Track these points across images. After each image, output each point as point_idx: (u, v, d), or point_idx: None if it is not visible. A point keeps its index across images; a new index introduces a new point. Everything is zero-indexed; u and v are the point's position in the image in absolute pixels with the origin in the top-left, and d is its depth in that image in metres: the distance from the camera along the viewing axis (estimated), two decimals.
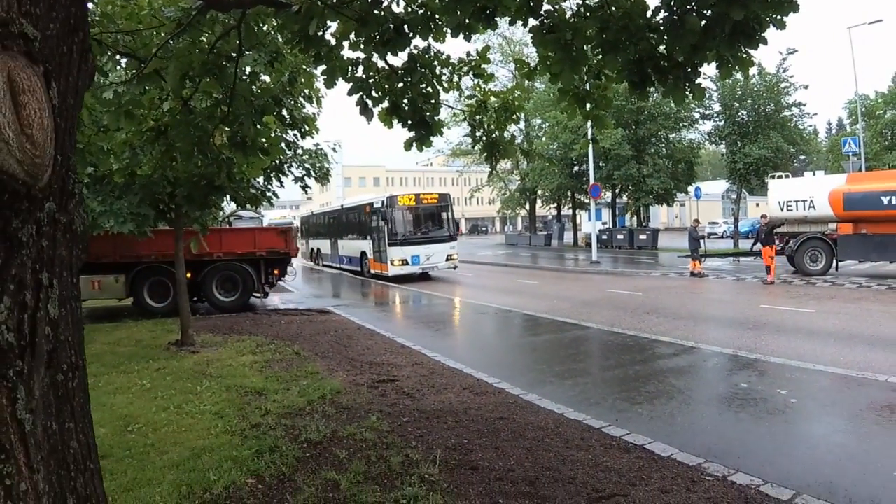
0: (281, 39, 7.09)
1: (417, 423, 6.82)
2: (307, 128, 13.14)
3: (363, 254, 28.45)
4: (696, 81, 4.74)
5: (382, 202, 25.99)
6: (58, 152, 2.02)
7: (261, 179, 13.39)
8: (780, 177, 24.93)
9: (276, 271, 18.17)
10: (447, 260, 26.34)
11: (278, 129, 9.73)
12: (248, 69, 7.05)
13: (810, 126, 44.69)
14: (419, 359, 10.38)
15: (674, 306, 16.32)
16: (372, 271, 27.23)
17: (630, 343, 11.61)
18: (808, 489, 5.05)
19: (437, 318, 16.98)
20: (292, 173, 15.75)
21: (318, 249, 37.34)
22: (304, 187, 16.36)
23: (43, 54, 1.96)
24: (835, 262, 21.38)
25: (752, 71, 5.62)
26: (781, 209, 22.38)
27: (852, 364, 9.28)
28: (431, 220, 27.00)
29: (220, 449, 5.91)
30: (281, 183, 14.86)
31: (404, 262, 25.12)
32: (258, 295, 18.38)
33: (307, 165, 16.22)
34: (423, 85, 6.45)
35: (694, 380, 9.11)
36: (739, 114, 36.68)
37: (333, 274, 31.44)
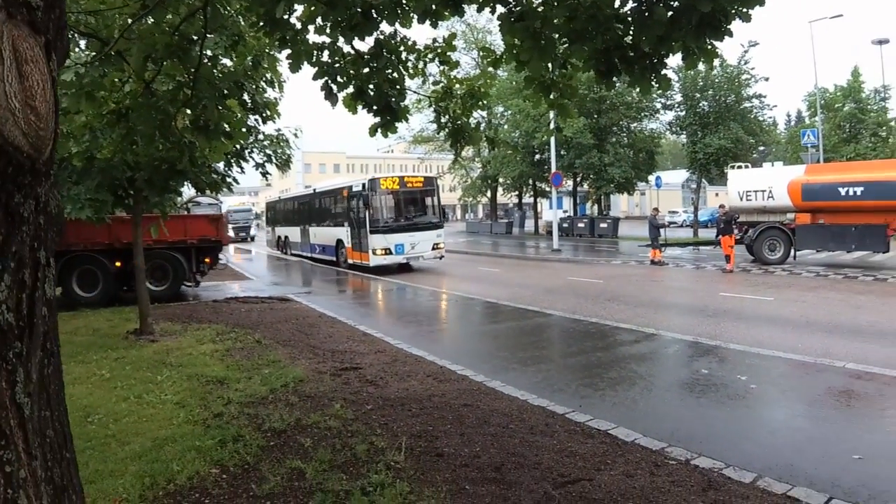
0: (243, 22, 6.98)
1: (382, 410, 6.81)
2: (269, 113, 12.99)
3: (339, 242, 26.34)
4: (663, 72, 4.78)
5: (363, 185, 23.75)
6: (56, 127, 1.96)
7: (221, 165, 13.18)
8: (739, 167, 25.38)
9: (207, 259, 17.77)
10: (433, 249, 24.37)
11: (240, 114, 9.59)
12: (208, 52, 6.92)
13: (770, 118, 45.49)
14: (381, 346, 10.35)
15: (634, 294, 16.53)
16: (349, 261, 25.09)
17: (592, 330, 11.72)
18: (769, 472, 5.15)
19: (399, 305, 16.99)
20: (253, 159, 15.55)
21: (286, 237, 34.76)
22: (265, 173, 16.18)
23: (45, 24, 1.89)
24: (793, 251, 21.86)
25: (714, 62, 5.69)
26: (741, 199, 22.76)
27: (810, 350, 9.49)
28: (417, 205, 24.97)
29: (182, 439, 5.83)
30: (241, 169, 14.67)
31: (387, 252, 23.11)
32: (189, 284, 18.02)
33: (268, 151, 16.02)
34: (389, 70, 6.40)
35: (655, 366, 9.24)
36: (700, 105, 37.11)
37: (304, 264, 29.53)
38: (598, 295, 16.33)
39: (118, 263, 15.89)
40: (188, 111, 6.07)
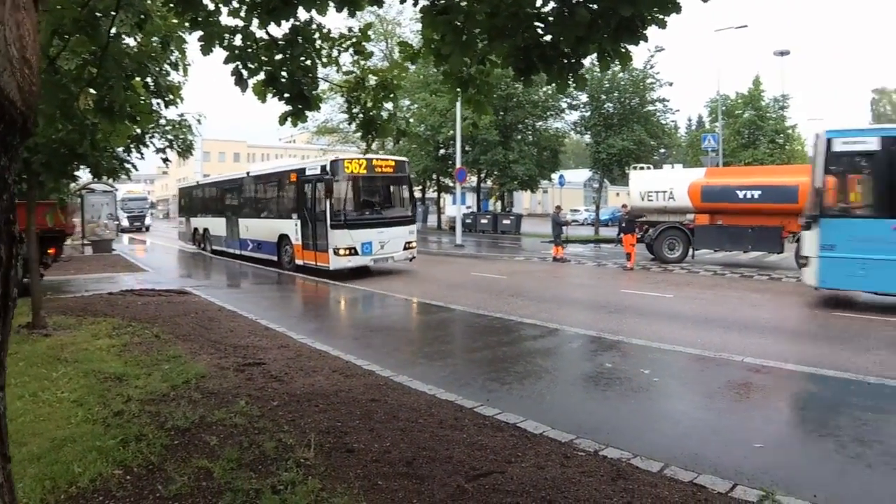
0: (150, 1, 6.67)
1: (288, 406, 6.67)
2: (171, 96, 12.50)
3: (283, 238, 21.73)
4: (580, 72, 4.85)
5: (322, 168, 19.21)
6: None
7: (121, 150, 12.60)
8: (641, 168, 26.15)
9: (51, 251, 16.40)
10: (405, 248, 20.30)
11: (144, 97, 9.18)
12: (113, 30, 6.60)
13: (672, 121, 47.08)
14: (284, 341, 10.16)
15: (537, 290, 16.83)
16: (298, 262, 20.63)
17: (496, 325, 11.85)
18: (675, 461, 5.33)
19: (299, 300, 16.77)
20: (154, 144, 14.94)
21: (206, 230, 29.52)
22: (165, 159, 15.57)
23: None
24: (691, 250, 22.75)
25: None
26: (642, 199, 23.45)
27: (710, 345, 9.89)
28: (386, 194, 21.02)
29: (82, 439, 5.52)
30: (141, 154, 14.08)
31: (352, 252, 18.77)
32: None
33: (170, 137, 15.44)
34: (303, 58, 6.27)
35: (561, 360, 9.44)
36: (605, 106, 38.00)
37: (230, 264, 24.99)
38: (502, 290, 16.54)
39: None
40: (92, 91, 5.75)
